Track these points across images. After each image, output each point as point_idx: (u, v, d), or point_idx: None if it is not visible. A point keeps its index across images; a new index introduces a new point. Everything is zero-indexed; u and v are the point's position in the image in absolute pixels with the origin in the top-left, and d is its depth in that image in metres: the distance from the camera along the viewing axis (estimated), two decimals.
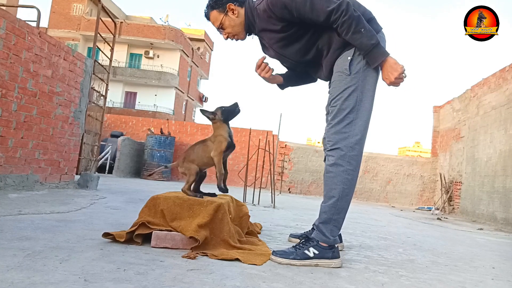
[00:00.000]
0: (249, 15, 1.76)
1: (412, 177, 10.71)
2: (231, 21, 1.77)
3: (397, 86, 1.67)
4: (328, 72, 1.78)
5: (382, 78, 1.68)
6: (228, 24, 1.78)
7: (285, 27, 1.69)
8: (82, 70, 4.36)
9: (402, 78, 1.64)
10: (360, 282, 1.45)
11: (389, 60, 1.63)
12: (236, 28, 1.79)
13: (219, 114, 1.91)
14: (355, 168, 1.68)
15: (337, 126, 1.67)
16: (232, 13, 1.76)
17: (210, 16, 1.82)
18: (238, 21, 1.77)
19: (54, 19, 24.24)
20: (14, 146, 3.37)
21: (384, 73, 1.66)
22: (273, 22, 1.69)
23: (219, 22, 1.79)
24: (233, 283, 1.24)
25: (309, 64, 1.84)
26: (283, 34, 1.71)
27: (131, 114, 20.41)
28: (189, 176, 1.90)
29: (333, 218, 1.68)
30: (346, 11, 1.57)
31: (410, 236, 3.13)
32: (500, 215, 6.28)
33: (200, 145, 1.93)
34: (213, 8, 1.79)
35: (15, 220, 1.96)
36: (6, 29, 3.15)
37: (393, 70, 1.62)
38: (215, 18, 1.80)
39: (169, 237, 1.67)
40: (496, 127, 6.86)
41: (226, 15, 1.77)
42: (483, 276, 1.78)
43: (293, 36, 1.71)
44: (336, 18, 1.59)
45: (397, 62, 1.63)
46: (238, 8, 1.76)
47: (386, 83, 1.67)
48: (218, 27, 1.82)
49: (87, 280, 1.11)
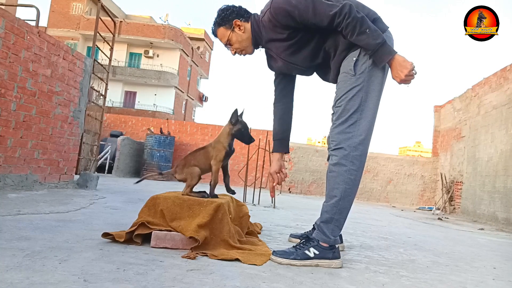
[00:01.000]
0: (255, 28, 1.78)
1: (413, 177, 10.69)
2: (238, 36, 1.80)
3: (408, 83, 1.65)
4: (335, 75, 1.78)
5: (392, 77, 1.67)
6: (236, 40, 1.81)
7: (291, 34, 1.70)
8: (82, 70, 4.35)
9: (413, 75, 1.62)
10: (361, 282, 1.44)
11: (398, 58, 1.63)
12: (244, 43, 1.82)
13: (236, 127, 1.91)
14: (358, 168, 1.68)
15: (341, 126, 1.68)
16: (239, 29, 1.79)
17: (217, 33, 1.85)
18: (245, 36, 1.80)
19: (54, 18, 24.23)
20: (13, 145, 3.36)
21: (394, 71, 1.65)
22: (279, 31, 1.71)
23: (226, 38, 1.82)
24: (233, 283, 1.24)
25: (318, 68, 1.85)
26: (290, 41, 1.73)
27: (130, 113, 20.39)
28: (191, 179, 1.89)
29: (334, 217, 1.67)
30: (349, 14, 1.58)
31: (410, 236, 3.12)
32: (501, 215, 6.27)
33: (201, 152, 1.95)
34: (220, 25, 1.82)
35: (14, 220, 1.95)
36: (5, 28, 3.14)
37: (402, 68, 1.61)
38: (222, 35, 1.83)
39: (168, 237, 1.67)
40: (497, 127, 6.84)
41: (233, 31, 1.80)
42: (484, 277, 1.78)
43: (300, 42, 1.73)
44: (340, 21, 1.60)
45: (406, 60, 1.62)
46: (244, 24, 1.79)
47: (397, 82, 1.65)
48: (225, 44, 1.85)
49: (86, 281, 1.11)
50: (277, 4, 1.65)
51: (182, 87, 26.38)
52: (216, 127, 11.31)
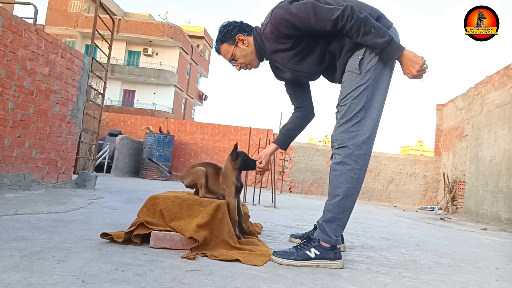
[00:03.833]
0: (258, 41, 1.77)
1: (415, 176, 10.67)
2: (242, 51, 1.79)
3: (420, 78, 1.63)
4: (341, 74, 1.77)
5: (404, 73, 1.65)
6: (240, 55, 1.80)
7: (295, 43, 1.69)
8: (80, 68, 4.33)
9: (424, 69, 1.60)
10: (362, 283, 1.43)
11: (407, 54, 1.61)
12: (248, 57, 1.81)
13: (238, 162, 1.90)
14: (361, 168, 1.66)
15: (346, 125, 1.66)
16: (242, 43, 1.78)
17: (221, 50, 1.84)
18: (249, 50, 1.79)
19: (52, 16, 24.15)
20: (10, 145, 3.34)
21: (405, 67, 1.63)
22: (282, 41, 1.70)
23: (230, 54, 1.81)
24: (233, 284, 1.23)
25: (324, 71, 1.84)
26: (294, 50, 1.71)
27: (129, 112, 20.33)
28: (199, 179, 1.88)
29: (337, 217, 1.66)
30: (351, 15, 1.56)
31: (412, 237, 3.11)
32: (504, 215, 6.24)
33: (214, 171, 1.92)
34: (223, 42, 1.81)
35: (12, 220, 1.94)
36: (2, 26, 3.12)
37: (413, 64, 1.59)
38: (226, 51, 1.82)
39: (168, 238, 1.65)
40: (500, 126, 6.81)
41: (237, 47, 1.79)
42: (486, 277, 1.76)
43: (305, 50, 1.72)
44: (343, 24, 1.58)
45: (416, 55, 1.60)
46: (247, 38, 1.78)
47: (409, 77, 1.63)
48: (230, 59, 1.83)
49: (84, 281, 1.10)
50: (277, 15, 1.65)
51: (182, 85, 26.34)
52: (216, 126, 11.28)
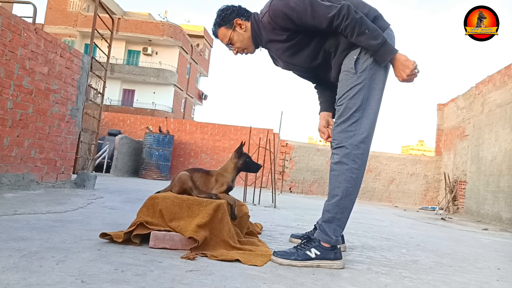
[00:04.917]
0: (255, 28, 1.77)
1: (416, 176, 10.66)
2: (239, 35, 1.79)
3: (411, 82, 1.66)
4: (336, 74, 1.77)
5: (395, 76, 1.68)
6: (237, 39, 1.80)
7: (290, 36, 1.70)
8: (79, 67, 4.32)
9: (415, 74, 1.63)
10: (363, 283, 1.43)
11: (399, 57, 1.63)
12: (245, 42, 1.81)
13: (241, 160, 1.94)
14: (360, 167, 1.66)
15: (343, 125, 1.67)
16: (240, 28, 1.78)
17: (218, 33, 1.84)
18: (247, 35, 1.79)
19: (51, 15, 24.10)
20: (9, 144, 3.33)
21: (396, 70, 1.65)
22: (278, 32, 1.70)
23: (227, 38, 1.81)
24: (233, 284, 1.23)
25: (319, 67, 1.84)
26: (289, 43, 1.72)
27: (129, 112, 20.32)
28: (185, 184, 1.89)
29: (336, 217, 1.66)
30: (347, 15, 1.58)
31: (413, 237, 3.11)
32: (505, 215, 6.22)
33: (203, 174, 1.96)
34: (221, 25, 1.81)
35: (11, 220, 1.93)
36: (1, 25, 3.11)
37: (404, 67, 1.62)
38: (224, 35, 1.82)
39: (167, 238, 1.65)
40: (501, 125, 6.79)
41: (234, 31, 1.79)
42: (488, 277, 1.76)
43: (299, 44, 1.72)
44: (338, 23, 1.60)
45: (408, 59, 1.62)
46: (245, 23, 1.78)
47: (399, 80, 1.66)
48: (227, 43, 1.84)
49: (84, 282, 1.10)
50: (276, 7, 1.65)
51: (181, 85, 26.31)
52: (215, 126, 11.27)
